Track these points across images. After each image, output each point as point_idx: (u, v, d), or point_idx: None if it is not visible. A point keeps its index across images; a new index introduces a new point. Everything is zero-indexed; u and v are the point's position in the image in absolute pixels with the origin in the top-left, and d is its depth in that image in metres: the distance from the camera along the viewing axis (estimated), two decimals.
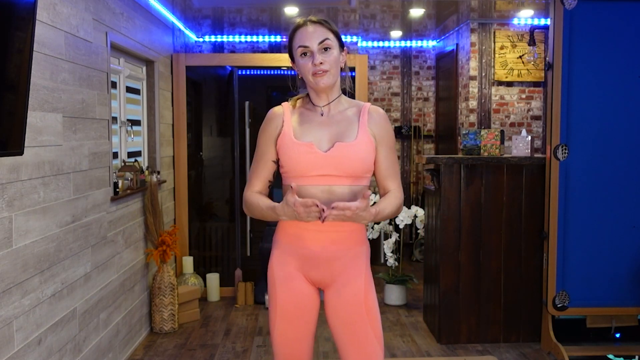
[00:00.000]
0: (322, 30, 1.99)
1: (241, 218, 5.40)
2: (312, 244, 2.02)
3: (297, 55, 2.01)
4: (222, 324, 4.60)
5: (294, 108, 2.10)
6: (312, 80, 2.00)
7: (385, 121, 2.08)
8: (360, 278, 2.05)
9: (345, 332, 2.05)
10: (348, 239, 2.04)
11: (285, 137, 2.02)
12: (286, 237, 2.07)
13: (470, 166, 4.04)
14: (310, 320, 2.10)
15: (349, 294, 2.04)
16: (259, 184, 2.12)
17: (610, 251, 3.73)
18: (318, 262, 2.04)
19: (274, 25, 6.48)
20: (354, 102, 2.12)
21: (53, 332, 2.79)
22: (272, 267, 2.10)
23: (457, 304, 4.10)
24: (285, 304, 2.06)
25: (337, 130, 2.02)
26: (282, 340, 2.09)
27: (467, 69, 6.46)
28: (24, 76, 2.16)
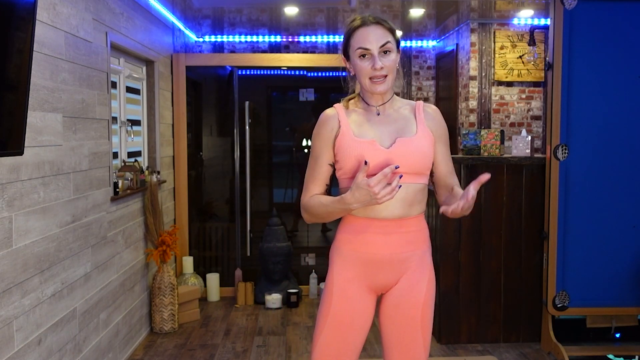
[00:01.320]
0: (383, 32, 1.94)
1: (241, 218, 5.40)
2: (380, 248, 1.96)
3: (355, 56, 1.95)
4: (222, 324, 4.60)
5: (347, 109, 2.04)
6: (368, 84, 1.95)
7: (440, 117, 2.06)
8: (424, 282, 2.01)
9: (396, 334, 2.01)
10: (416, 239, 2.01)
11: (345, 136, 1.96)
12: (350, 243, 2.00)
13: (470, 166, 4.04)
14: (361, 335, 2.03)
15: (410, 296, 1.99)
16: (317, 188, 2.03)
17: (610, 251, 3.73)
18: (384, 266, 1.98)
19: (274, 25, 6.48)
20: (406, 101, 2.09)
21: (53, 332, 2.79)
22: (333, 277, 2.02)
23: (457, 304, 4.10)
24: (339, 313, 1.99)
25: (396, 127, 1.99)
26: (327, 350, 2.00)
27: (467, 69, 6.46)
28: (24, 76, 2.16)
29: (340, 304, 1.99)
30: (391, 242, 1.96)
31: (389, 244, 1.96)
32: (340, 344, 2.00)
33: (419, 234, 2.02)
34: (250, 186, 5.35)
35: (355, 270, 1.99)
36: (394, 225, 1.95)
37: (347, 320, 1.99)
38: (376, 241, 1.96)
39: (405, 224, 1.97)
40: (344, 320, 1.99)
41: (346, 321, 1.99)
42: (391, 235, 1.96)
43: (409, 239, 1.98)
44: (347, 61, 2.03)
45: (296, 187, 5.80)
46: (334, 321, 1.99)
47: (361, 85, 2.01)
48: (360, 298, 2.00)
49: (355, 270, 1.99)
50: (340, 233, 2.04)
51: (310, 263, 5.52)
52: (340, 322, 1.99)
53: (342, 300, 1.99)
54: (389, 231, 1.95)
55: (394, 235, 1.96)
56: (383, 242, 1.96)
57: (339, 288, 2.00)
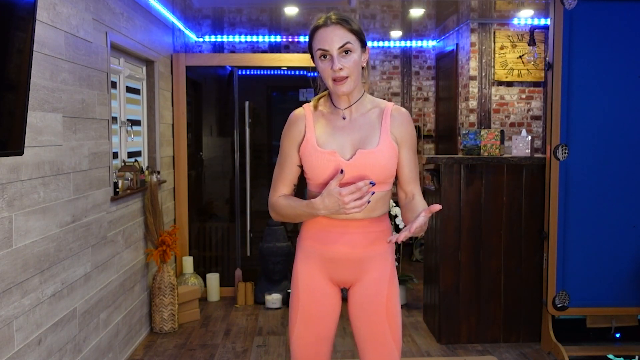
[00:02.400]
0: (342, 33, 1.92)
1: (241, 218, 5.40)
2: (340, 246, 2.00)
3: (317, 57, 1.95)
4: (222, 324, 4.60)
5: (315, 110, 2.04)
6: (331, 85, 1.95)
7: (408, 122, 2.03)
8: (385, 280, 2.04)
9: (364, 332, 2.05)
10: (376, 239, 2.02)
11: (308, 144, 1.98)
12: (311, 240, 2.05)
13: (470, 166, 4.04)
14: (330, 324, 2.09)
15: (372, 295, 2.03)
16: (285, 188, 2.07)
17: (610, 251, 3.73)
18: (345, 264, 2.02)
19: (274, 25, 6.48)
20: (377, 101, 2.06)
21: (53, 332, 2.79)
22: (297, 271, 2.08)
23: (457, 304, 4.10)
24: (307, 307, 2.05)
25: (360, 136, 1.97)
26: (302, 343, 2.07)
27: (467, 69, 6.46)
28: (24, 76, 2.16)
29: (307, 298, 2.06)
30: (351, 241, 2.00)
31: (348, 243, 2.00)
32: (313, 333, 2.07)
33: (380, 234, 2.04)
34: (250, 186, 5.35)
35: (316, 265, 2.05)
36: (355, 226, 1.98)
37: (315, 312, 2.06)
38: (336, 240, 2.00)
39: (366, 224, 2.00)
40: (313, 312, 2.06)
41: (315, 313, 2.06)
42: (351, 234, 1.99)
43: (369, 239, 2.01)
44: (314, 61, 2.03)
45: None
46: (304, 314, 2.07)
47: (327, 87, 2.01)
48: (325, 290, 2.07)
49: (316, 265, 2.05)
50: (303, 229, 2.10)
51: None
52: (310, 314, 2.06)
53: (308, 294, 2.06)
54: (350, 231, 1.99)
55: (355, 235, 2.00)
56: (343, 241, 2.00)
57: (304, 283, 2.06)
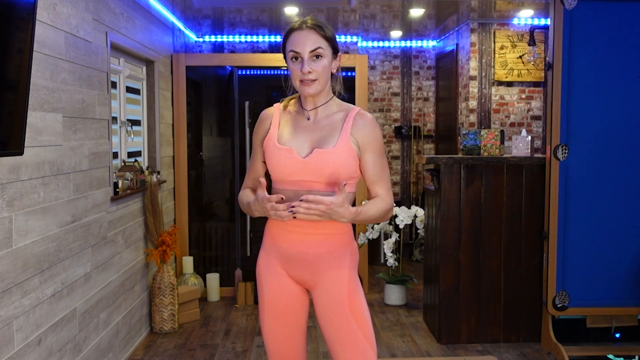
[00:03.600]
0: (315, 38, 1.98)
1: (241, 218, 5.40)
2: (293, 246, 2.06)
3: (288, 58, 2.02)
4: (222, 324, 4.60)
5: (285, 109, 2.13)
6: (298, 85, 2.02)
7: (372, 127, 2.04)
8: (343, 280, 2.06)
9: (332, 333, 2.07)
10: (330, 241, 2.05)
11: (269, 140, 2.07)
12: (270, 237, 2.13)
13: (470, 166, 4.04)
14: (299, 318, 2.14)
15: (332, 296, 2.06)
16: (250, 182, 2.19)
17: (610, 251, 3.73)
18: (299, 264, 2.07)
19: (274, 25, 6.48)
20: (345, 105, 2.10)
21: (53, 332, 2.79)
22: (259, 267, 2.16)
23: (457, 304, 4.10)
24: (272, 303, 2.11)
25: (320, 136, 2.03)
26: (273, 338, 2.14)
27: (467, 69, 6.46)
28: (24, 76, 2.16)
29: (271, 294, 2.11)
30: (305, 242, 2.05)
31: (302, 243, 2.05)
32: (282, 329, 2.12)
33: (336, 237, 2.07)
34: None
35: (277, 262, 2.11)
36: (311, 227, 2.02)
37: (281, 308, 2.11)
38: (292, 239, 2.06)
39: (323, 226, 2.03)
40: (279, 307, 2.11)
41: (281, 309, 2.11)
42: (307, 235, 2.04)
43: (323, 240, 2.05)
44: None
45: None
46: (270, 309, 2.11)
47: (295, 87, 2.06)
48: (288, 286, 2.11)
49: (277, 262, 2.11)
50: (266, 227, 2.16)
51: None
52: (276, 309, 2.12)
53: (272, 290, 2.11)
54: (306, 231, 2.03)
55: (310, 236, 2.04)
56: (298, 241, 2.06)
57: (267, 279, 2.11)
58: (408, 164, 7.69)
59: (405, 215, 4.90)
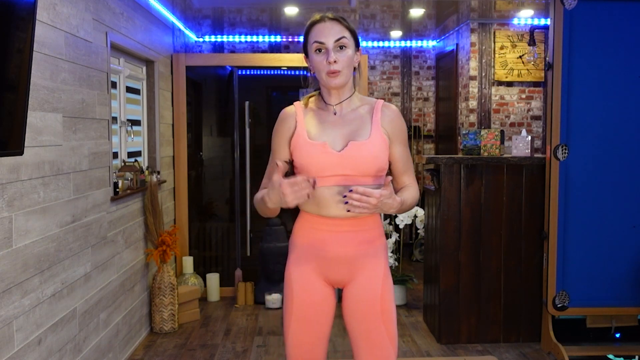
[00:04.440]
0: (339, 28, 1.96)
1: (241, 218, 5.40)
2: (333, 246, 2.00)
3: (312, 50, 1.98)
4: (222, 324, 4.60)
5: (306, 107, 2.08)
6: (324, 78, 1.98)
7: (398, 118, 2.05)
8: (379, 278, 2.03)
9: (359, 331, 2.04)
10: (368, 238, 2.02)
11: (299, 137, 2.01)
12: (304, 239, 2.05)
13: (470, 166, 4.04)
14: (325, 323, 2.08)
15: (366, 293, 2.02)
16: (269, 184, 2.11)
17: (610, 251, 3.73)
18: (338, 263, 2.02)
19: (274, 25, 6.48)
20: (367, 99, 2.09)
21: (53, 332, 2.79)
22: (289, 269, 2.08)
23: (457, 304, 4.10)
24: (301, 306, 2.04)
25: (350, 129, 1.99)
26: (297, 343, 2.07)
27: (467, 69, 6.46)
28: (24, 76, 2.16)
29: (301, 299, 2.05)
30: (342, 240, 2.00)
31: (339, 242, 2.00)
32: (308, 333, 2.06)
33: (371, 232, 2.04)
34: (250, 186, 5.35)
35: (309, 264, 2.04)
36: (345, 224, 1.98)
37: (310, 311, 2.05)
38: (327, 239, 2.01)
39: (356, 222, 2.00)
40: (308, 312, 2.05)
41: (310, 312, 2.05)
42: (342, 233, 1.99)
43: (360, 238, 2.01)
44: (307, 58, 2.06)
45: None
46: (298, 315, 2.05)
47: (319, 81, 2.03)
48: (319, 289, 2.05)
49: (309, 264, 2.04)
50: (295, 227, 2.10)
51: None
52: (305, 314, 2.05)
53: (302, 295, 2.05)
54: (340, 229, 1.99)
55: (346, 234, 2.00)
56: (334, 240, 2.00)
57: (298, 282, 2.05)
58: None
59: (405, 215, 4.90)
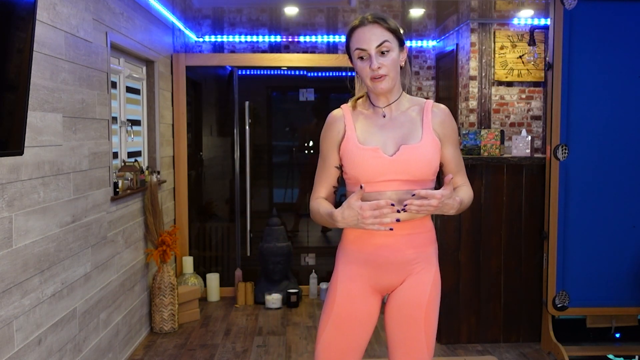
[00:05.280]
0: (379, 32, 1.91)
1: (241, 218, 5.40)
2: (384, 250, 1.95)
3: (355, 57, 1.95)
4: (222, 324, 4.60)
5: (354, 110, 2.03)
6: (369, 83, 1.94)
7: (449, 118, 2.01)
8: (428, 284, 1.99)
9: (399, 334, 2.00)
10: (421, 241, 1.98)
11: (349, 142, 1.95)
12: (355, 243, 1.99)
13: (470, 166, 4.04)
14: (364, 334, 2.03)
15: (413, 297, 1.98)
16: (323, 190, 2.05)
17: (610, 251, 3.73)
18: (390, 268, 1.97)
19: (274, 25, 6.48)
20: (415, 99, 2.04)
21: (53, 332, 2.79)
22: (338, 273, 2.03)
23: (457, 304, 4.10)
24: (342, 313, 1.99)
25: (402, 133, 1.95)
26: (330, 349, 2.02)
27: (467, 69, 6.46)
28: (24, 76, 2.16)
29: (343, 303, 1.99)
30: (395, 244, 1.95)
31: (393, 246, 1.95)
32: (342, 341, 2.01)
33: (424, 236, 2.00)
34: (250, 186, 5.35)
35: (359, 269, 1.99)
36: (398, 227, 1.91)
37: (349, 318, 2.00)
38: (380, 243, 1.95)
39: (410, 226, 1.95)
40: (347, 319, 2.00)
41: (349, 319, 2.00)
42: (395, 237, 1.94)
43: (413, 241, 1.97)
44: (352, 61, 2.01)
45: (296, 187, 5.80)
46: (337, 319, 2.00)
47: (366, 87, 1.99)
48: (364, 297, 2.00)
49: (359, 269, 1.99)
50: (346, 232, 2.04)
51: (310, 263, 5.52)
52: (343, 320, 2.00)
53: (345, 299, 1.99)
54: (394, 233, 1.92)
55: (398, 237, 1.94)
56: (387, 244, 1.95)
57: (343, 286, 2.00)
58: None
59: None
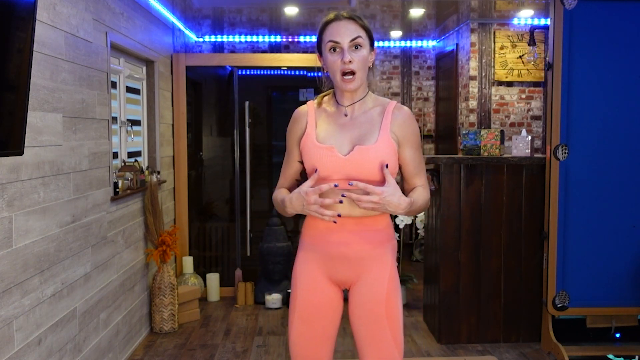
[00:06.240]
0: (354, 27, 1.94)
1: (241, 218, 5.40)
2: (336, 244, 2.00)
3: (326, 49, 1.96)
4: (222, 324, 4.60)
5: (319, 107, 2.07)
6: (339, 80, 1.96)
7: (410, 120, 2.02)
8: (384, 278, 2.02)
9: (363, 332, 2.03)
10: (375, 238, 2.01)
11: (308, 139, 2.01)
12: (312, 237, 2.05)
13: (470, 166, 4.04)
14: (330, 324, 2.08)
15: (371, 294, 2.01)
16: (286, 183, 2.15)
17: (610, 251, 3.73)
18: (344, 262, 2.01)
19: (274, 25, 6.48)
20: (380, 100, 2.06)
21: (53, 332, 2.79)
22: (296, 268, 2.08)
23: (457, 304, 4.10)
24: (305, 305, 2.05)
25: (359, 133, 1.98)
26: (300, 342, 2.07)
27: (467, 69, 6.46)
28: (24, 76, 2.16)
29: (305, 297, 2.05)
30: (349, 240, 1.99)
31: (346, 242, 2.00)
32: (311, 333, 2.06)
33: (380, 233, 2.03)
34: (250, 186, 5.35)
35: (316, 263, 2.05)
36: (353, 224, 1.97)
37: (314, 311, 2.05)
38: (334, 237, 2.00)
39: (365, 222, 1.99)
40: (311, 312, 2.05)
41: (313, 312, 2.05)
42: (350, 233, 1.99)
43: (368, 238, 2.00)
44: (321, 58, 2.04)
45: None
46: (302, 313, 2.06)
47: (334, 82, 2.01)
48: (324, 289, 2.05)
49: (316, 263, 2.05)
50: (304, 227, 2.10)
51: None
52: (308, 314, 2.05)
53: (306, 293, 2.05)
54: (348, 229, 1.98)
55: (353, 234, 1.99)
56: (341, 239, 2.00)
57: (303, 281, 2.06)
58: None
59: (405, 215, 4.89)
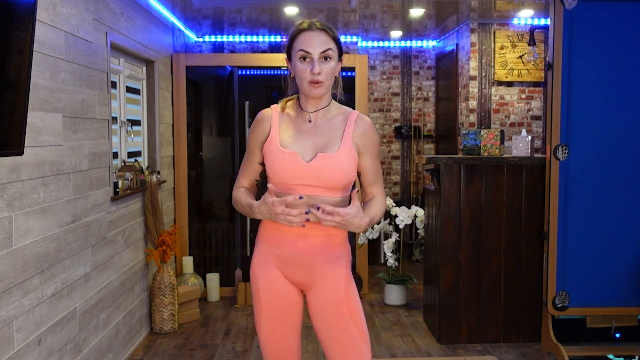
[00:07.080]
0: (325, 39, 1.98)
1: (241, 218, 5.40)
2: (289, 247, 2.05)
3: (296, 58, 2.00)
4: (222, 324, 4.60)
5: (283, 111, 2.11)
6: (306, 87, 2.00)
7: (371, 130, 2.08)
8: (340, 280, 2.07)
9: (328, 334, 2.08)
10: (327, 242, 2.05)
11: (271, 143, 2.04)
12: (266, 239, 2.10)
13: (470, 166, 4.04)
14: (294, 319, 2.14)
15: (329, 297, 2.06)
16: (246, 182, 2.18)
17: (610, 251, 3.73)
18: (297, 265, 2.06)
19: (274, 25, 6.48)
20: (344, 109, 2.11)
21: (53, 332, 2.79)
22: (254, 268, 2.13)
23: (457, 304, 4.10)
24: (269, 304, 2.10)
25: (322, 141, 2.03)
26: (269, 339, 2.13)
27: (467, 69, 6.46)
28: (24, 76, 2.16)
29: (267, 296, 2.10)
30: (301, 243, 2.04)
31: (299, 245, 2.04)
32: (282, 331, 2.11)
33: (334, 239, 2.07)
34: None
35: (272, 263, 2.09)
36: (307, 228, 2.00)
37: (279, 309, 2.10)
38: (288, 240, 2.04)
39: (319, 228, 2.01)
40: (276, 310, 2.10)
41: (279, 310, 2.10)
42: (303, 236, 2.03)
43: (320, 243, 2.04)
44: (289, 62, 2.07)
45: None
46: (268, 313, 2.10)
47: (299, 88, 2.05)
48: (284, 287, 2.10)
49: (272, 263, 2.09)
50: (259, 230, 2.14)
51: None
52: (273, 312, 2.10)
53: (268, 292, 2.09)
54: (302, 232, 2.02)
55: (306, 237, 2.03)
56: (294, 242, 2.04)
57: (263, 282, 2.10)
58: (408, 164, 7.69)
59: (405, 215, 4.90)
